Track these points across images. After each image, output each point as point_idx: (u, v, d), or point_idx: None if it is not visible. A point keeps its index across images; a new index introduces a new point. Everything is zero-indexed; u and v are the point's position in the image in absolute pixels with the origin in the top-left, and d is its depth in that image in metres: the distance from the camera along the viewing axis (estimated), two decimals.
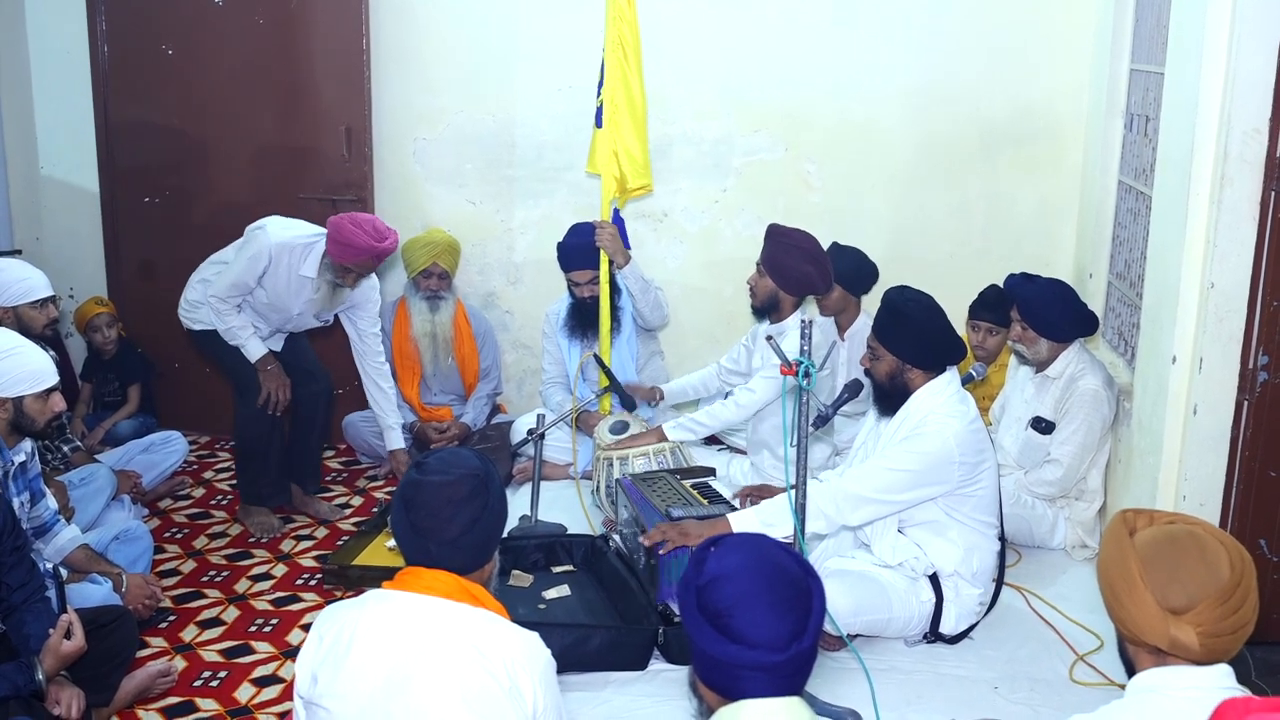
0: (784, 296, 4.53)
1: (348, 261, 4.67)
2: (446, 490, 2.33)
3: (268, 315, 4.90)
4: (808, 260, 4.48)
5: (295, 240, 4.73)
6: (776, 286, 4.51)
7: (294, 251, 4.72)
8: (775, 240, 4.53)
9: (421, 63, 5.76)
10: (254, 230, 4.76)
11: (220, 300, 4.75)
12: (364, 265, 4.71)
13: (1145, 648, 2.02)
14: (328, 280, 4.78)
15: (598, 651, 3.47)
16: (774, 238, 4.54)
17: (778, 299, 4.54)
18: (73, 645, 3.06)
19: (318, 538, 4.92)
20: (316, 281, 4.77)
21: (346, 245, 4.63)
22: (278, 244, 4.69)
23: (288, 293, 4.79)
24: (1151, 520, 2.08)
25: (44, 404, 3.54)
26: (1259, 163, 3.54)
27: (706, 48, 5.65)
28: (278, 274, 4.73)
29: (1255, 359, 3.62)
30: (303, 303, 4.83)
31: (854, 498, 3.50)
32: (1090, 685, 3.45)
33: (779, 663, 1.89)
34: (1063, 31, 5.49)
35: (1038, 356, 4.41)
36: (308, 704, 2.33)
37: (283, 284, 4.76)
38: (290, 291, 4.79)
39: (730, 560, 1.98)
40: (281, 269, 4.72)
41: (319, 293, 4.81)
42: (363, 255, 4.65)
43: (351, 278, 4.75)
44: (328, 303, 4.88)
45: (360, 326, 5.08)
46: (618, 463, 4.45)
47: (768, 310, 4.57)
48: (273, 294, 4.79)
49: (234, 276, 4.72)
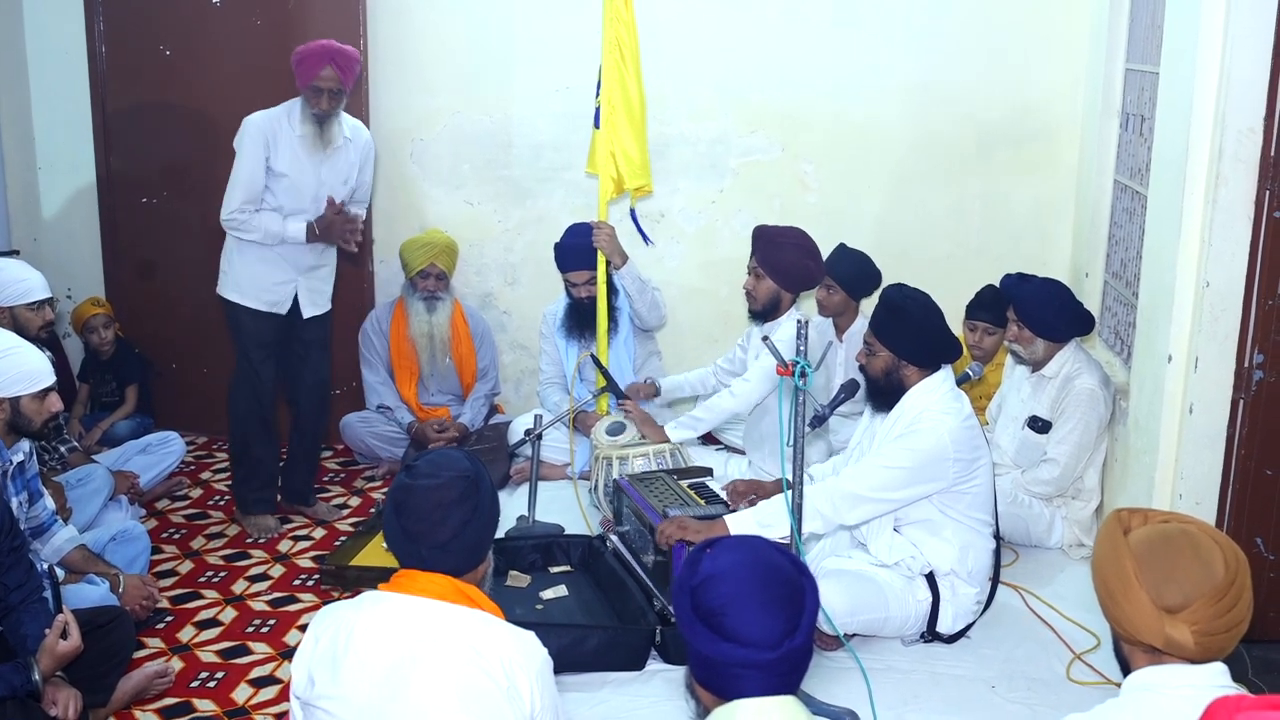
0: (784, 295, 4.58)
1: (311, 79, 4.57)
2: (436, 494, 2.33)
3: (299, 210, 4.76)
4: (804, 255, 4.53)
5: (274, 110, 4.71)
6: (778, 286, 4.54)
7: (278, 119, 4.67)
8: (767, 240, 4.55)
9: (419, 63, 5.77)
10: (239, 134, 4.72)
11: (239, 213, 4.66)
12: (327, 78, 4.57)
13: (1140, 646, 2.03)
14: (309, 118, 4.66)
15: (595, 652, 3.47)
16: (767, 238, 4.57)
17: (779, 299, 4.58)
18: (69, 645, 3.06)
19: (315, 538, 4.92)
20: (308, 129, 4.67)
21: (302, 61, 4.57)
22: (261, 117, 4.66)
23: (299, 164, 4.70)
24: (1146, 519, 2.08)
25: (41, 404, 3.55)
26: (1254, 162, 3.54)
27: (704, 48, 5.66)
28: (279, 149, 4.66)
29: (1251, 358, 3.63)
30: (316, 165, 4.72)
31: (850, 496, 3.51)
32: (1087, 684, 3.45)
33: (771, 661, 1.90)
34: (1058, 32, 5.50)
35: (1034, 356, 4.42)
36: (304, 705, 2.33)
37: (290, 156, 4.68)
38: (300, 160, 4.69)
39: (724, 560, 1.98)
40: (282, 141, 4.66)
41: (309, 137, 4.68)
42: (320, 61, 4.55)
43: (325, 99, 4.61)
44: (326, 143, 4.71)
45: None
46: (617, 463, 4.45)
47: (768, 312, 4.60)
48: (290, 179, 4.69)
49: (242, 176, 4.65)
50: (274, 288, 4.81)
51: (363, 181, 4.95)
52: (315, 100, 4.60)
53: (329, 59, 4.55)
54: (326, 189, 4.75)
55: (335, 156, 4.75)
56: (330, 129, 4.70)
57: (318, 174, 4.73)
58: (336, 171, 4.77)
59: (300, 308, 4.87)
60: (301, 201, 4.73)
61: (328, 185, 4.75)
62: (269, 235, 4.70)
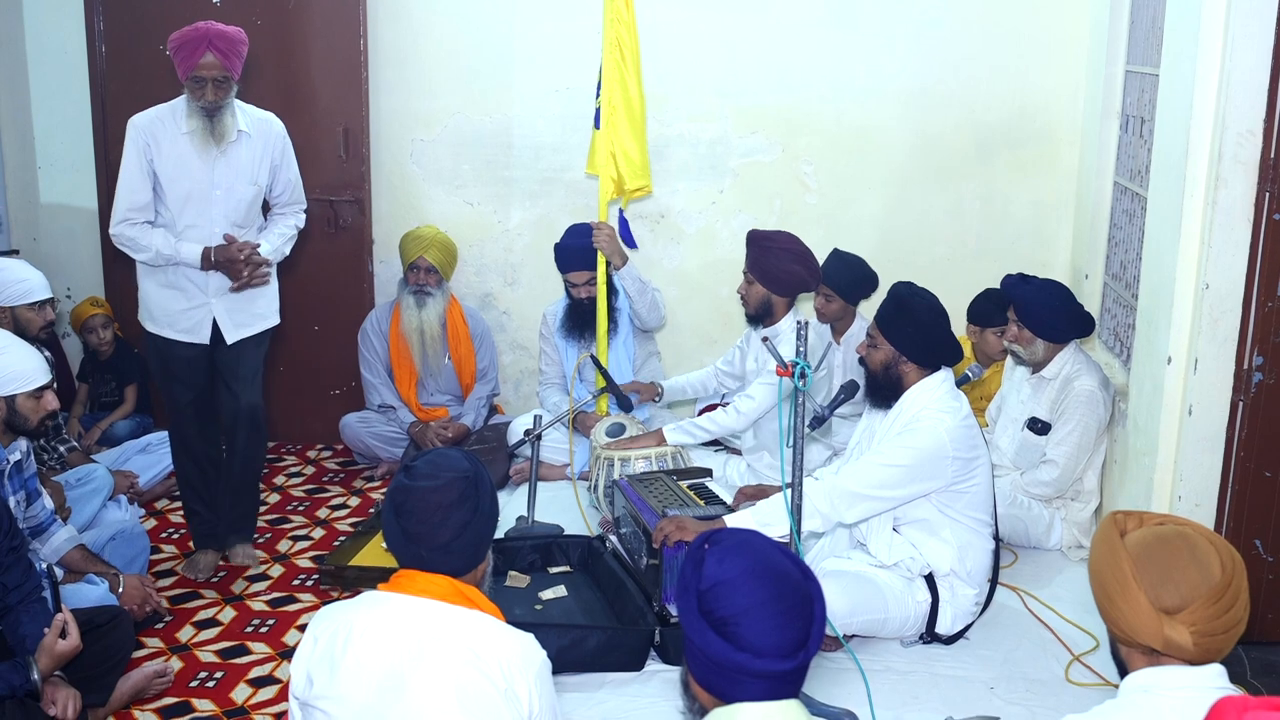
0: (776, 300, 4.59)
1: (191, 68, 4.08)
2: (436, 495, 2.32)
3: (199, 221, 4.23)
4: (794, 260, 4.53)
5: (159, 108, 4.25)
6: (768, 291, 4.56)
7: (163, 120, 4.20)
8: (759, 246, 4.57)
9: (419, 64, 5.77)
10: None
11: (125, 226, 4.16)
12: (208, 65, 4.07)
13: (1138, 648, 2.03)
14: (195, 112, 4.16)
15: (594, 652, 3.47)
16: (757, 244, 4.58)
17: (770, 303, 4.59)
18: (67, 645, 3.06)
19: (314, 538, 4.92)
20: (195, 124, 4.17)
21: (179, 49, 4.10)
22: (142, 117, 4.22)
23: (186, 165, 4.19)
24: (1141, 521, 2.08)
25: (37, 403, 3.55)
26: (1253, 164, 3.55)
27: (704, 50, 5.66)
28: (162, 151, 4.17)
29: (1250, 359, 3.63)
30: (208, 165, 4.20)
31: (849, 494, 3.51)
32: (1086, 685, 3.45)
33: (785, 671, 1.90)
34: (1058, 33, 5.50)
35: (1034, 357, 4.42)
36: (303, 705, 2.33)
37: (175, 158, 4.18)
38: (188, 161, 4.18)
39: (730, 565, 1.97)
40: (164, 142, 4.17)
41: (198, 134, 4.17)
42: (197, 47, 4.06)
43: (209, 89, 4.10)
44: (217, 139, 4.18)
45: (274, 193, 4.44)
46: (618, 463, 4.45)
47: (762, 316, 4.61)
48: (179, 184, 4.19)
49: (121, 184, 4.18)
50: (184, 313, 4.31)
51: (284, 180, 4.43)
52: (198, 92, 4.12)
53: (207, 44, 4.06)
54: (225, 192, 4.25)
55: (231, 153, 4.23)
56: (221, 122, 4.18)
57: (210, 175, 4.22)
58: (235, 170, 4.25)
59: (222, 332, 4.35)
60: (200, 210, 4.23)
61: (226, 187, 4.25)
62: (159, 256, 4.20)
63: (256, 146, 4.31)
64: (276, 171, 4.39)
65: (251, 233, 4.34)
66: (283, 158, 4.40)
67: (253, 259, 4.27)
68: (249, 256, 4.24)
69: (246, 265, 4.23)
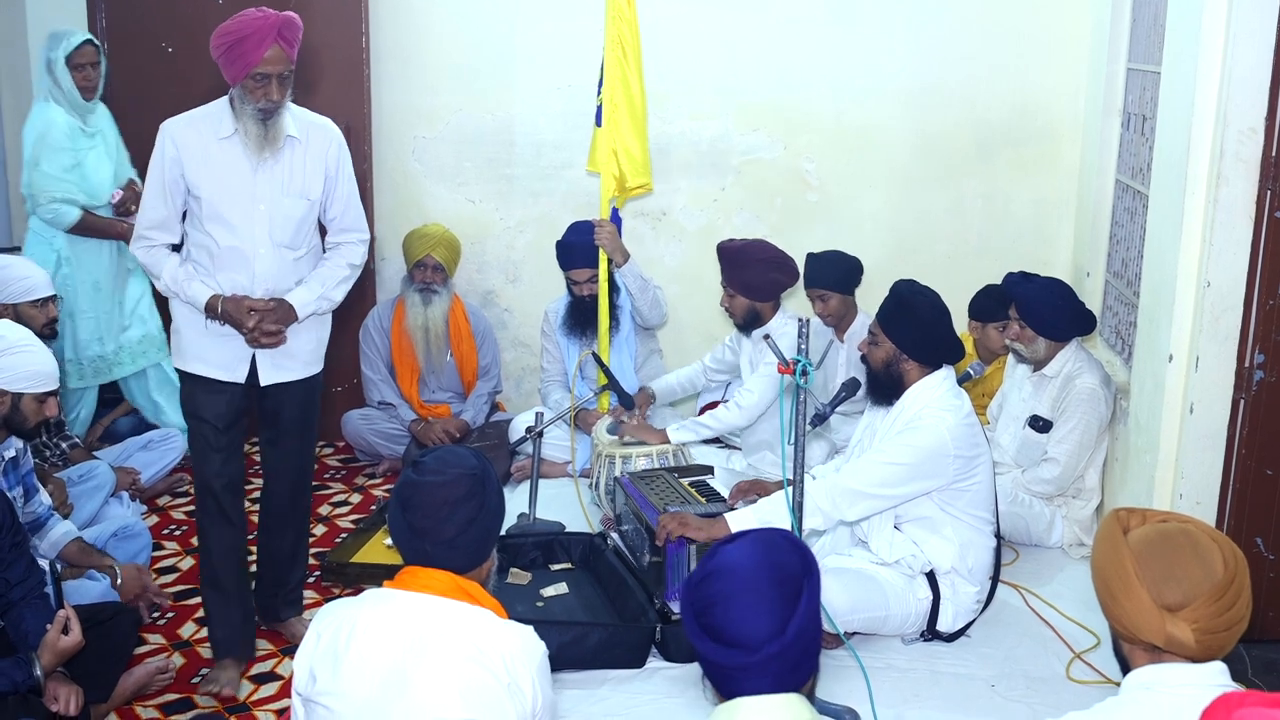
0: (761, 306, 4.64)
1: (254, 64, 3.44)
2: (443, 491, 2.32)
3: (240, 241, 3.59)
4: (771, 269, 4.59)
5: (194, 113, 3.64)
6: (751, 301, 4.60)
7: (196, 124, 3.59)
8: (731, 260, 4.63)
9: (421, 61, 5.77)
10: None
11: (144, 243, 3.63)
12: (274, 60, 3.46)
13: (1140, 645, 2.03)
14: (250, 115, 3.52)
15: (595, 649, 3.47)
16: (729, 258, 4.64)
17: (756, 310, 4.65)
18: (70, 641, 3.07)
19: (316, 535, 4.92)
20: (239, 128, 3.54)
21: (237, 44, 3.45)
22: (174, 123, 3.60)
23: (229, 179, 3.56)
24: (1144, 518, 2.09)
25: (40, 406, 3.55)
26: (1255, 161, 3.55)
27: (705, 47, 5.66)
28: (194, 160, 3.55)
29: (1251, 357, 3.63)
30: (253, 177, 3.57)
31: (850, 492, 3.51)
32: (1087, 683, 3.46)
33: (753, 663, 1.88)
34: (1060, 31, 5.50)
35: (1035, 355, 4.42)
36: (306, 701, 2.33)
37: (214, 170, 3.55)
38: (232, 174, 3.56)
39: (729, 557, 1.98)
40: (196, 150, 3.54)
41: (250, 139, 3.53)
42: (263, 39, 3.43)
43: (273, 87, 3.48)
44: (269, 144, 3.55)
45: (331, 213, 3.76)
46: (619, 461, 4.46)
47: (750, 325, 4.65)
48: (217, 197, 3.56)
49: (144, 201, 3.64)
50: (216, 344, 3.66)
51: (341, 197, 3.74)
52: (260, 92, 3.48)
53: (275, 35, 3.44)
54: (269, 206, 3.59)
55: (278, 161, 3.59)
56: (277, 125, 3.57)
57: (252, 186, 3.57)
58: (282, 181, 3.60)
59: (258, 373, 3.71)
60: (242, 228, 3.59)
61: (270, 200, 3.59)
62: (167, 289, 3.65)
63: (309, 154, 3.65)
64: (332, 185, 3.71)
65: (306, 260, 3.71)
66: (338, 169, 3.72)
67: (265, 327, 3.58)
68: (262, 322, 3.58)
69: (258, 331, 3.58)
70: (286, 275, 3.68)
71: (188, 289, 3.59)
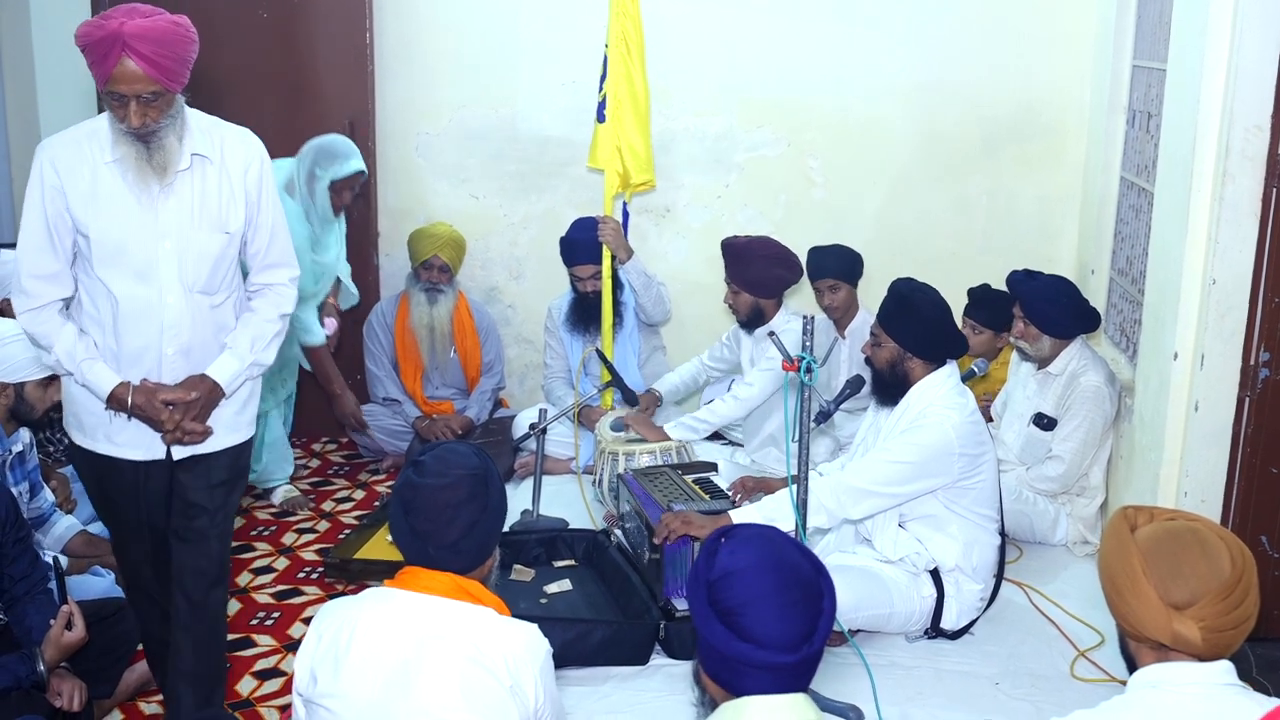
0: (764, 303, 4.67)
1: (101, 77, 2.75)
2: (444, 494, 2.30)
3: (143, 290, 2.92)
4: (775, 265, 4.61)
5: (74, 131, 2.92)
6: (755, 298, 4.62)
7: (81, 142, 2.88)
8: (736, 257, 4.65)
9: (425, 57, 5.77)
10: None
11: (26, 309, 2.89)
12: (126, 77, 2.72)
13: (1147, 643, 2.03)
14: (121, 136, 2.83)
15: (599, 646, 3.47)
16: (734, 254, 4.66)
17: (760, 307, 4.67)
18: (74, 636, 3.06)
19: (319, 531, 4.92)
20: (125, 152, 2.84)
21: (85, 50, 2.74)
22: (53, 144, 2.90)
23: (122, 213, 2.87)
24: (1152, 517, 2.08)
25: (44, 392, 3.55)
26: (1260, 159, 3.54)
27: (709, 43, 5.66)
28: (80, 191, 2.85)
29: (1257, 355, 3.62)
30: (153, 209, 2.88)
31: (855, 491, 3.51)
32: (1091, 681, 3.45)
33: (789, 664, 1.90)
34: (1065, 27, 5.49)
35: (1040, 353, 4.42)
36: (307, 702, 2.32)
37: (105, 203, 2.86)
38: (126, 207, 2.87)
39: (742, 556, 1.98)
40: (83, 179, 2.85)
41: (128, 166, 2.84)
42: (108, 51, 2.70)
43: (130, 109, 2.77)
44: (157, 171, 2.85)
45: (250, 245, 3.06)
46: (623, 457, 4.45)
47: (754, 322, 4.68)
48: (109, 236, 2.87)
49: (29, 241, 2.88)
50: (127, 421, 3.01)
51: (264, 226, 3.05)
52: (121, 111, 2.79)
53: (121, 47, 2.70)
54: (177, 243, 2.91)
55: (183, 187, 2.92)
56: (161, 148, 2.85)
57: (153, 220, 2.90)
58: (187, 211, 2.92)
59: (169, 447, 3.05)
60: (144, 273, 2.91)
61: (178, 236, 2.92)
62: (60, 366, 2.96)
63: (225, 176, 2.98)
64: (253, 212, 3.02)
65: (226, 308, 3.06)
66: (260, 192, 3.02)
67: (186, 425, 2.96)
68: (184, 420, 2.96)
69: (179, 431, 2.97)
70: (203, 327, 3.01)
71: (88, 372, 2.91)
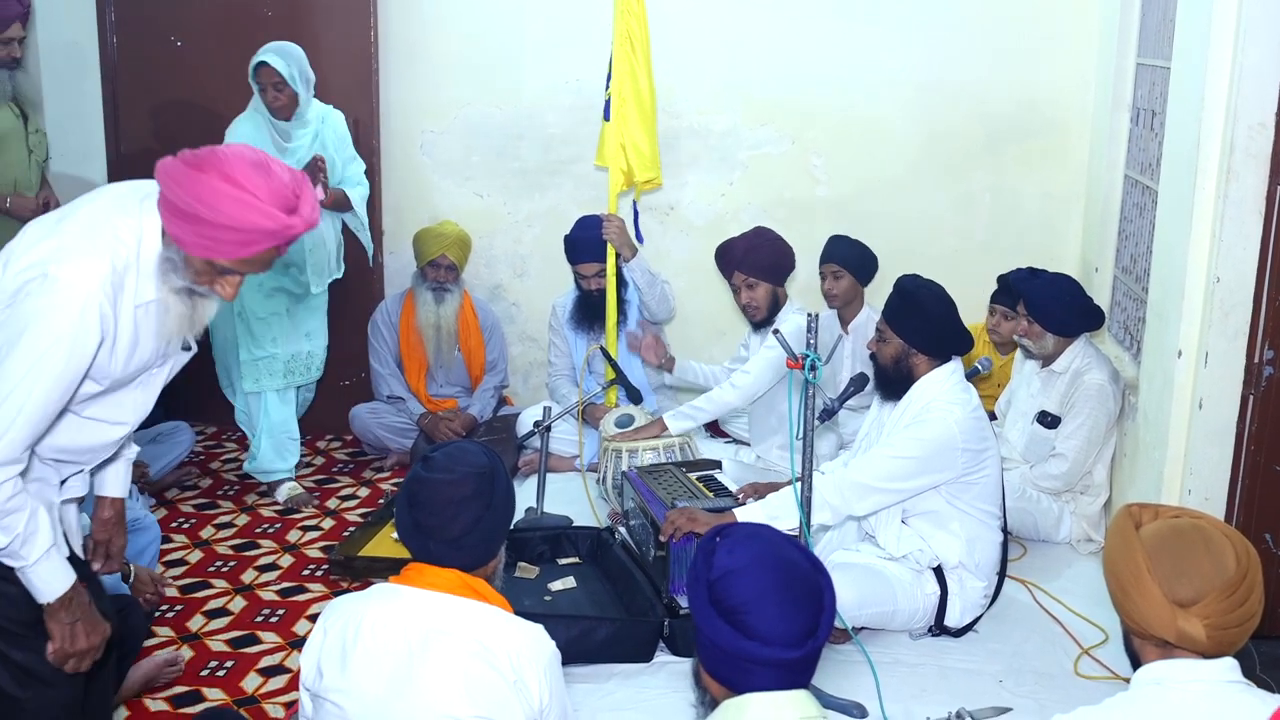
0: (779, 292, 4.67)
1: (236, 254, 2.34)
2: (449, 489, 2.32)
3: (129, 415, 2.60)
4: (778, 246, 4.65)
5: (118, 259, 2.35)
6: (772, 286, 4.62)
7: (121, 288, 2.36)
8: (743, 251, 4.63)
9: (429, 55, 5.78)
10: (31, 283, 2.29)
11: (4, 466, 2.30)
12: (262, 257, 2.37)
13: (1152, 641, 2.03)
14: (176, 290, 2.42)
15: (603, 643, 3.48)
16: (739, 251, 4.65)
17: (776, 297, 4.66)
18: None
19: (324, 529, 4.94)
20: (163, 303, 2.43)
21: (229, 228, 2.28)
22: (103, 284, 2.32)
23: (128, 350, 2.45)
24: (1156, 514, 2.09)
25: None
26: (1265, 157, 3.54)
27: (714, 41, 5.66)
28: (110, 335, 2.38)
29: (1261, 353, 3.63)
30: (149, 351, 2.49)
31: (859, 487, 3.52)
32: (1095, 679, 3.46)
33: (793, 660, 1.91)
34: (1068, 26, 5.49)
35: (1043, 351, 4.42)
36: (314, 697, 2.34)
37: (129, 349, 2.44)
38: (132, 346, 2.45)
39: (740, 554, 1.99)
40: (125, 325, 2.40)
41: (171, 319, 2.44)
42: (264, 239, 2.32)
43: (231, 282, 2.42)
44: (187, 325, 2.47)
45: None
46: (626, 455, 4.46)
47: (771, 316, 4.66)
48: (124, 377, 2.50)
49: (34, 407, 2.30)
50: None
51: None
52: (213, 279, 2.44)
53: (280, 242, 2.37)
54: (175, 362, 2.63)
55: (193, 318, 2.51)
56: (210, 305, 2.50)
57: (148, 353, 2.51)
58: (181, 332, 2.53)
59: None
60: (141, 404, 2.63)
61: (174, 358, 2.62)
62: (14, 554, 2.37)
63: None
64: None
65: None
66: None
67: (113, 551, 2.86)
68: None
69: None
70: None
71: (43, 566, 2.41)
